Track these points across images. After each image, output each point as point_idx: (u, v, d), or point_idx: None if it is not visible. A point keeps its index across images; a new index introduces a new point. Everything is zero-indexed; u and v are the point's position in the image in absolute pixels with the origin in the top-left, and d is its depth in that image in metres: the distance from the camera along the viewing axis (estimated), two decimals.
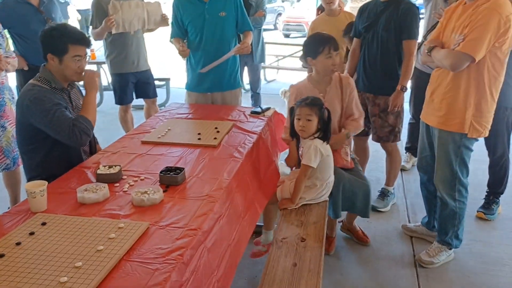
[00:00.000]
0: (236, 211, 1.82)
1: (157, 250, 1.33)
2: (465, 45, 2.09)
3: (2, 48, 2.59)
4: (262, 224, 2.52)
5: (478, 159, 2.89)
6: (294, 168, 2.56)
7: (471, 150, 2.37)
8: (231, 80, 3.05)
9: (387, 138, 3.04)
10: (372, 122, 3.05)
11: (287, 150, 2.60)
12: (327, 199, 2.34)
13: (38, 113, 1.98)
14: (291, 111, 2.36)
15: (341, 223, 2.82)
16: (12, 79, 2.98)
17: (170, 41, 3.11)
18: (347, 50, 3.38)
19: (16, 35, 3.21)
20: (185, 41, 3.05)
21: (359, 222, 2.82)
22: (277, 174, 2.56)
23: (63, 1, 7.89)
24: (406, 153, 3.93)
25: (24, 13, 3.20)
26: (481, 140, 2.64)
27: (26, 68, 3.17)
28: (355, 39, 3.11)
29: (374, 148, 3.40)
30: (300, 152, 2.34)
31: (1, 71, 2.53)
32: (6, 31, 2.73)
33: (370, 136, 3.19)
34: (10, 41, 3.11)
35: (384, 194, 3.21)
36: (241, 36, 3.04)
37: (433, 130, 2.43)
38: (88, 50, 2.17)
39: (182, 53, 2.93)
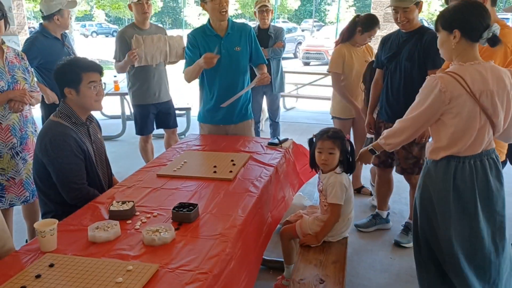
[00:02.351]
0: (247, 251, 1.75)
1: None
2: None
3: (28, 82, 2.66)
4: (281, 259, 2.44)
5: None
6: (314, 202, 2.49)
7: None
8: (242, 112, 3.04)
9: (411, 170, 2.93)
10: (395, 153, 2.96)
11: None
12: (347, 236, 2.25)
13: (52, 156, 2.01)
14: (311, 143, 2.31)
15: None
16: (36, 110, 3.05)
17: (183, 72, 3.09)
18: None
19: (46, 70, 3.28)
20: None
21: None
22: (285, 209, 2.51)
23: None
24: None
25: (53, 48, 3.31)
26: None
27: (57, 102, 3.24)
28: (377, 69, 3.07)
29: (397, 179, 3.29)
30: (319, 186, 2.27)
31: (26, 104, 2.58)
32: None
33: (394, 168, 3.10)
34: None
35: (408, 229, 3.07)
36: (255, 69, 3.03)
37: None
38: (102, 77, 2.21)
39: (209, 60, 2.66)
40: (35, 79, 2.80)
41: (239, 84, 2.93)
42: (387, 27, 7.48)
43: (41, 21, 3.42)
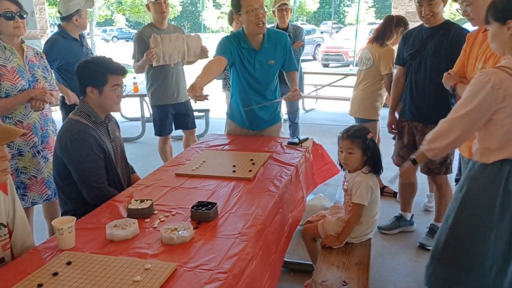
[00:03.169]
0: (268, 251, 1.70)
1: None
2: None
3: (47, 82, 2.67)
4: (309, 262, 2.38)
5: None
6: (335, 202, 2.43)
7: None
8: (271, 118, 2.96)
9: (438, 170, 2.83)
10: None
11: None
12: (371, 237, 2.17)
13: (72, 155, 2.00)
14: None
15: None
16: (56, 112, 3.08)
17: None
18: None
19: (66, 71, 3.30)
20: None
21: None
22: (303, 210, 2.45)
23: None
24: (456, 186, 3.66)
25: (72, 48, 3.33)
26: None
27: (78, 103, 3.25)
28: (398, 67, 2.98)
29: (420, 180, 3.20)
30: (344, 186, 2.21)
31: (47, 103, 2.60)
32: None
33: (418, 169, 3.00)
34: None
35: (433, 231, 2.97)
36: (285, 75, 2.96)
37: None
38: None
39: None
40: (54, 78, 2.81)
41: (267, 91, 2.84)
42: (408, 26, 7.33)
43: (59, 22, 3.45)
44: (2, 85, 2.41)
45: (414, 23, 3.84)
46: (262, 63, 2.72)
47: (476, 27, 2.22)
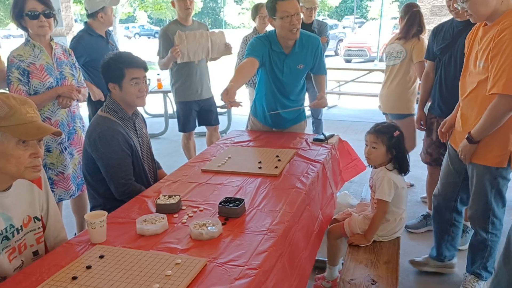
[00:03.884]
0: (297, 248, 1.69)
1: None
2: (504, 86, 1.84)
3: (75, 78, 2.72)
4: (324, 259, 2.36)
5: None
6: (361, 200, 2.39)
7: (509, 180, 2.13)
8: (295, 116, 2.93)
9: None
10: None
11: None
12: (400, 236, 2.13)
13: (101, 151, 2.03)
14: None
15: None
16: (83, 107, 3.13)
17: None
18: None
19: (91, 67, 3.36)
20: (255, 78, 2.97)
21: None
22: (334, 207, 2.41)
23: None
24: None
25: (98, 45, 3.37)
26: None
27: (103, 99, 3.31)
28: (428, 62, 2.91)
29: None
30: (369, 182, 2.18)
31: (74, 100, 2.64)
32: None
33: None
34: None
35: (462, 231, 2.89)
36: (313, 77, 2.92)
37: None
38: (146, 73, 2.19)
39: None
40: (82, 75, 2.86)
41: (292, 94, 2.81)
42: (434, 20, 7.15)
43: (86, 20, 3.50)
44: (31, 82, 2.47)
45: (440, 17, 3.74)
46: (290, 68, 2.68)
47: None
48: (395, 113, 3.58)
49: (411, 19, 3.36)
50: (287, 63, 2.66)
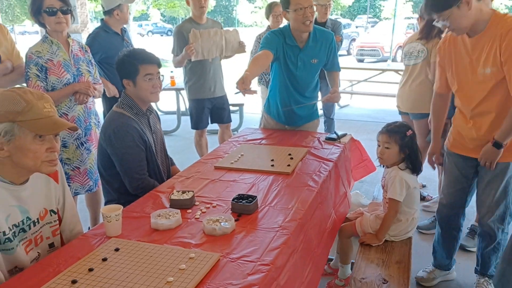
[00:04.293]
0: (309, 245, 1.70)
1: (227, 286, 1.25)
2: None
3: (91, 75, 2.75)
4: (331, 257, 2.37)
5: None
6: (373, 200, 2.39)
7: None
8: (308, 114, 2.94)
9: None
10: None
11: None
12: (412, 236, 2.13)
13: (116, 146, 2.06)
14: None
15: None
16: (98, 104, 3.17)
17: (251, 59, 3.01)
18: None
19: (107, 64, 3.40)
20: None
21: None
22: (348, 206, 2.40)
23: None
24: None
25: (113, 42, 3.42)
26: None
27: (117, 95, 3.35)
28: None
29: None
30: (382, 182, 2.18)
31: (90, 97, 2.68)
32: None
33: None
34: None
35: (474, 232, 2.88)
36: (326, 74, 2.93)
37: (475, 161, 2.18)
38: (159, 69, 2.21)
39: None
40: (98, 72, 2.90)
41: (307, 90, 2.82)
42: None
43: (100, 17, 3.53)
44: (49, 78, 2.51)
45: None
46: (304, 62, 2.70)
47: None
48: (417, 113, 3.53)
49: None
50: (301, 57, 2.68)
